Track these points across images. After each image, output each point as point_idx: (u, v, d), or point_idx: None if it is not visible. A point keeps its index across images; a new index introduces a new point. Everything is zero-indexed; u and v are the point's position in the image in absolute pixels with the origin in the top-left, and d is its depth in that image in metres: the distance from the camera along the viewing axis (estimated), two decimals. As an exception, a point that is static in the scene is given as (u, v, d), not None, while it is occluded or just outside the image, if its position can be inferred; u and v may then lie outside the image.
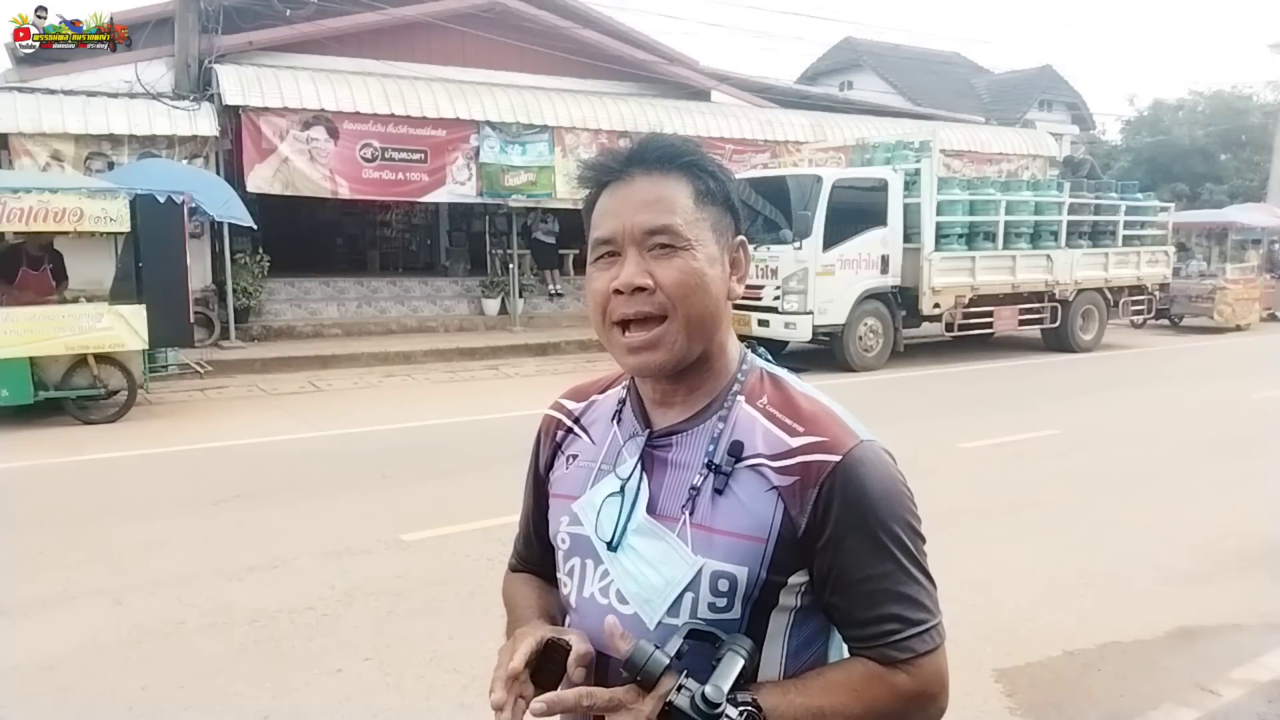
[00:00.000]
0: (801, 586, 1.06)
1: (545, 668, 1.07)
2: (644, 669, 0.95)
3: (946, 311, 12.23)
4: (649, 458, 1.12)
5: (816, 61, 30.64)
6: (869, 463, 1.04)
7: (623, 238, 1.07)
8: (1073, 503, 5.90)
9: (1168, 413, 9.06)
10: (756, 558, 1.04)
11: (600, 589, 1.11)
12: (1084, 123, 29.27)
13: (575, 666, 1.04)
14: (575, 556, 1.16)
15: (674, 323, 1.06)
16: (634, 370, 1.13)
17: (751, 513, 1.04)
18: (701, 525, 1.06)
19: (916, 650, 1.03)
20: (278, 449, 7.43)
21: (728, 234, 1.12)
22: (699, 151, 1.12)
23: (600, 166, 1.12)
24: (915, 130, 15.86)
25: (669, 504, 1.09)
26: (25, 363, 7.92)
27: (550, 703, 0.98)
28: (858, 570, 1.03)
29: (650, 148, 1.10)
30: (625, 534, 1.10)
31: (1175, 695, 3.45)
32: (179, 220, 8.70)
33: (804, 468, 1.03)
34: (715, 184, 1.10)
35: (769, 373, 1.15)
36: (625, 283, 1.05)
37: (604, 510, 1.13)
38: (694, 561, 1.05)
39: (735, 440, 1.08)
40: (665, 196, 1.07)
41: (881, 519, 1.03)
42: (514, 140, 14.21)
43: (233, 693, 3.40)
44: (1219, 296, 16.50)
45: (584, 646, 1.06)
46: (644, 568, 1.08)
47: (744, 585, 1.04)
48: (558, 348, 13.06)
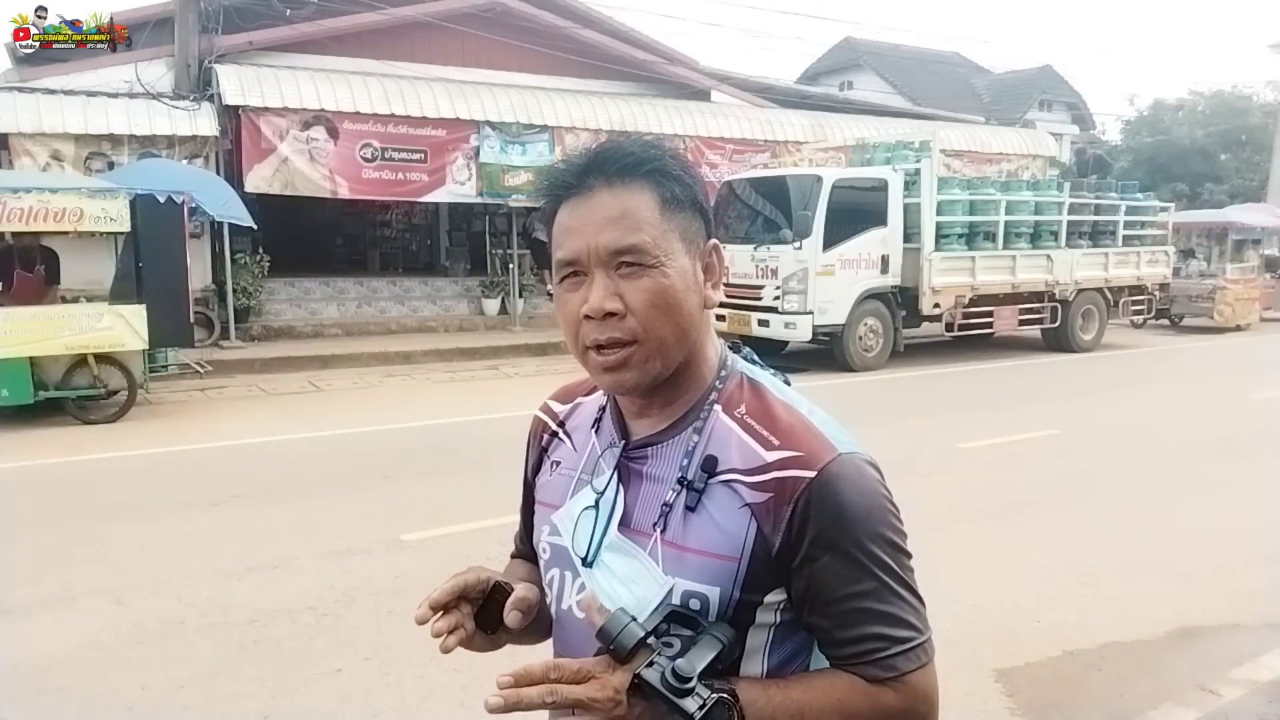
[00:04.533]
0: (780, 604, 1.03)
1: (489, 609, 1.11)
2: (617, 639, 0.92)
3: (946, 311, 12.23)
4: (625, 469, 1.10)
5: (816, 61, 30.65)
6: (846, 477, 0.99)
7: (588, 258, 1.02)
8: (1073, 503, 5.90)
9: (1168, 413, 9.06)
10: (729, 577, 1.00)
11: (578, 602, 1.09)
12: (1084, 123, 29.30)
13: (510, 610, 1.08)
14: (555, 568, 1.15)
15: (645, 346, 1.02)
16: (609, 389, 1.11)
17: (724, 531, 1.01)
18: (673, 543, 1.03)
19: (901, 669, 0.99)
20: (278, 449, 7.43)
21: (698, 239, 1.07)
22: (662, 155, 1.06)
23: (557, 179, 1.06)
24: (915, 130, 15.86)
25: (642, 519, 1.06)
26: (25, 363, 7.92)
27: (517, 676, 0.94)
28: (836, 589, 0.99)
29: (609, 157, 1.04)
30: (600, 550, 1.08)
31: (1175, 695, 3.45)
32: (179, 220, 8.71)
33: (778, 484, 0.99)
34: (681, 188, 1.05)
35: (749, 378, 1.11)
36: (594, 308, 1.01)
37: (580, 524, 1.11)
38: (664, 581, 1.02)
39: (710, 455, 1.04)
40: (629, 210, 1.01)
41: (859, 536, 0.98)
42: (514, 140, 14.21)
43: (233, 693, 3.40)
44: (1219, 296, 16.50)
45: (524, 592, 1.09)
46: (616, 585, 1.05)
47: (716, 605, 1.00)
48: (558, 348, 13.04)
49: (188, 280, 9.00)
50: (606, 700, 0.92)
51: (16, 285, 8.54)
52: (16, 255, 8.63)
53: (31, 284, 8.63)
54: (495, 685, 0.91)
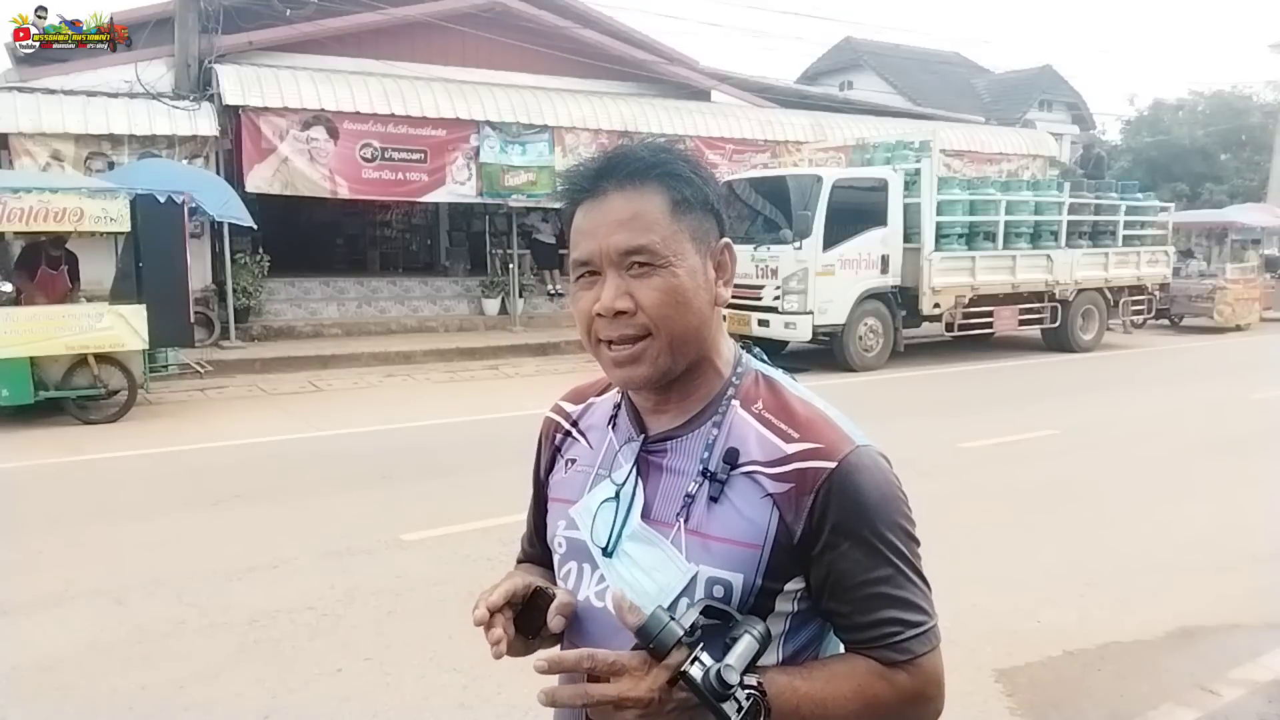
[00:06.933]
0: (798, 593, 1.07)
1: (529, 614, 1.11)
2: (658, 638, 0.94)
3: (946, 311, 12.23)
4: (644, 463, 1.13)
5: (816, 61, 30.65)
6: (864, 468, 1.04)
7: (600, 259, 1.06)
8: (1073, 503, 5.90)
9: (1168, 413, 9.06)
10: (752, 565, 1.04)
11: (596, 593, 1.12)
12: (1084, 123, 29.29)
13: (554, 615, 1.09)
14: (571, 560, 1.17)
15: (657, 341, 1.05)
16: (621, 384, 1.13)
17: (747, 520, 1.04)
18: (696, 532, 1.06)
19: (915, 651, 1.04)
20: (278, 449, 7.43)
21: (710, 239, 1.10)
22: (673, 158, 1.09)
23: (573, 183, 1.10)
24: (915, 130, 15.85)
25: (664, 510, 1.09)
26: (26, 362, 7.92)
27: (551, 661, 0.98)
28: (855, 575, 1.03)
29: (622, 161, 1.08)
30: (620, 540, 1.10)
31: (1175, 695, 3.45)
32: (179, 220, 8.70)
33: (799, 474, 1.03)
34: (692, 190, 1.08)
35: (764, 375, 1.14)
36: (605, 307, 1.05)
37: (599, 515, 1.13)
38: (688, 569, 1.05)
39: (730, 447, 1.07)
40: (640, 212, 1.05)
41: (877, 525, 1.03)
42: (514, 140, 14.21)
43: (233, 693, 3.40)
44: (1219, 296, 16.50)
45: (567, 598, 1.11)
46: (638, 574, 1.08)
47: (739, 592, 1.04)
48: (558, 348, 13.06)
49: (188, 280, 8.99)
50: (643, 698, 0.95)
51: (40, 280, 8.56)
52: (44, 252, 8.65)
53: (56, 282, 8.67)
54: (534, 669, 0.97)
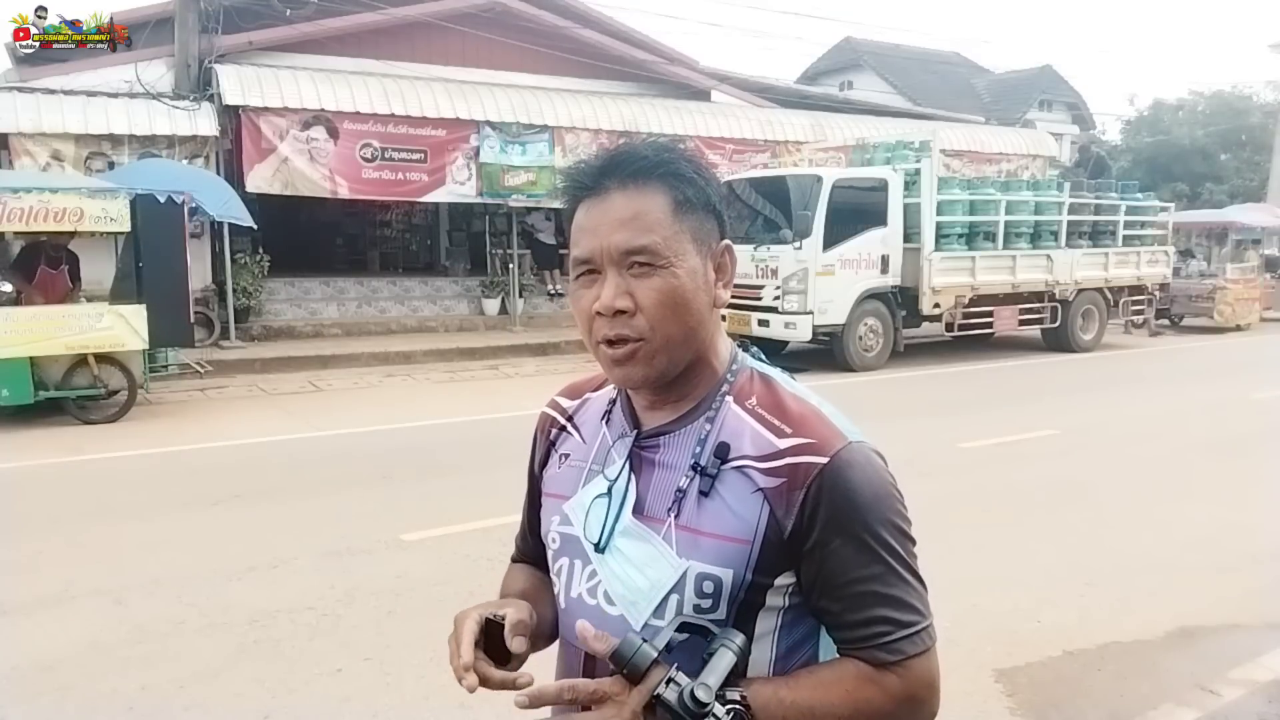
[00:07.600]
0: (789, 587, 1.06)
1: (492, 643, 1.10)
2: (631, 661, 0.94)
3: (946, 311, 12.22)
4: (637, 458, 1.12)
5: (816, 61, 30.65)
6: (857, 465, 1.03)
7: (601, 257, 1.05)
8: (1073, 502, 5.90)
9: (1168, 413, 9.06)
10: (742, 560, 1.03)
11: (588, 589, 1.12)
12: (1084, 123, 29.30)
13: (511, 636, 1.08)
14: (564, 556, 1.17)
15: (653, 341, 1.05)
16: (619, 383, 1.13)
17: (737, 515, 1.04)
18: (687, 527, 1.06)
19: (907, 652, 1.02)
20: (278, 449, 7.43)
21: (710, 240, 1.09)
22: (676, 157, 1.08)
23: (575, 180, 1.10)
24: (915, 130, 15.85)
25: (655, 505, 1.09)
26: (26, 362, 7.92)
27: (533, 696, 0.98)
28: (846, 573, 1.02)
29: (624, 160, 1.07)
30: (612, 536, 1.10)
31: (1175, 695, 3.45)
32: (179, 220, 8.70)
33: (791, 469, 1.03)
34: (695, 191, 1.07)
35: (760, 373, 1.14)
36: (605, 306, 1.05)
37: (592, 511, 1.13)
38: (679, 564, 1.05)
39: (722, 442, 1.07)
40: (642, 212, 1.04)
41: (869, 521, 1.02)
42: (514, 140, 14.21)
43: (233, 693, 3.40)
44: (1219, 296, 16.50)
45: (516, 615, 1.10)
46: (630, 570, 1.08)
47: (729, 587, 1.03)
48: (558, 348, 13.05)
49: (188, 280, 8.99)
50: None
51: (40, 280, 8.55)
52: (45, 252, 8.64)
53: (56, 282, 8.66)
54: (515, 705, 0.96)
